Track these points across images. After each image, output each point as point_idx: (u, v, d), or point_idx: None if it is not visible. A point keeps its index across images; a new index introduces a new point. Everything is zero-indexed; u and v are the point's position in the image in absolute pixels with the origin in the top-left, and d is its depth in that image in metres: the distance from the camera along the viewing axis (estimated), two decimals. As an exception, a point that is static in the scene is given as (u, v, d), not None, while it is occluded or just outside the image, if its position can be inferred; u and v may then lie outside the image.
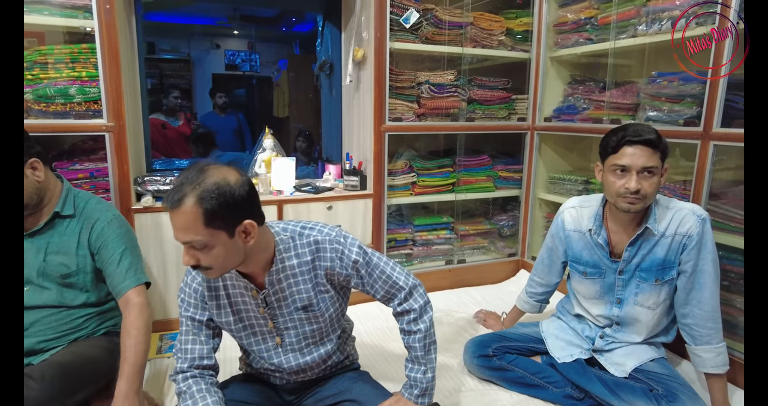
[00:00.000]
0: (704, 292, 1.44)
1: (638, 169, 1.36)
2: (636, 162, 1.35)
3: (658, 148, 1.37)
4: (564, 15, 2.40)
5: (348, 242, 1.23)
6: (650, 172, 1.36)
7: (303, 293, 1.20)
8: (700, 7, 1.75)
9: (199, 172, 0.99)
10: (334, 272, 1.21)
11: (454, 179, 2.49)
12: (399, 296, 1.29)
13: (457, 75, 2.39)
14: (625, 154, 1.37)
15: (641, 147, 1.35)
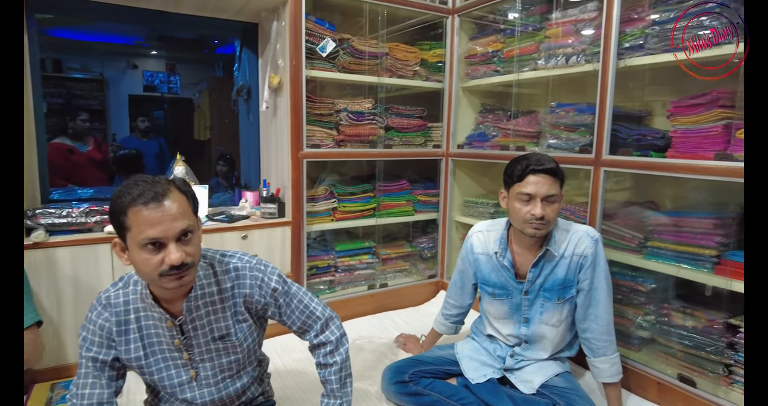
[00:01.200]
0: (599, 307, 1.55)
1: (542, 196, 1.45)
2: (540, 190, 1.45)
3: (557, 176, 1.48)
4: (473, 48, 2.56)
5: (268, 270, 1.21)
6: (552, 199, 1.46)
7: (221, 321, 1.16)
8: (589, 47, 1.93)
9: (151, 179, 1.01)
10: (253, 299, 1.18)
11: (375, 204, 2.52)
12: (315, 328, 1.28)
13: (375, 103, 2.45)
14: (530, 182, 1.46)
15: (544, 176, 1.45)
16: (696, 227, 1.66)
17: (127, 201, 0.96)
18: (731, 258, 1.56)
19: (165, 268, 0.98)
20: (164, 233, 0.97)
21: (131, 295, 1.11)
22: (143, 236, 0.96)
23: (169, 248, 0.98)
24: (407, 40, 2.67)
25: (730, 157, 1.49)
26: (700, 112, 1.62)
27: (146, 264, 0.98)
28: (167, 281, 1.00)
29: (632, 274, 1.84)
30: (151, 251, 0.97)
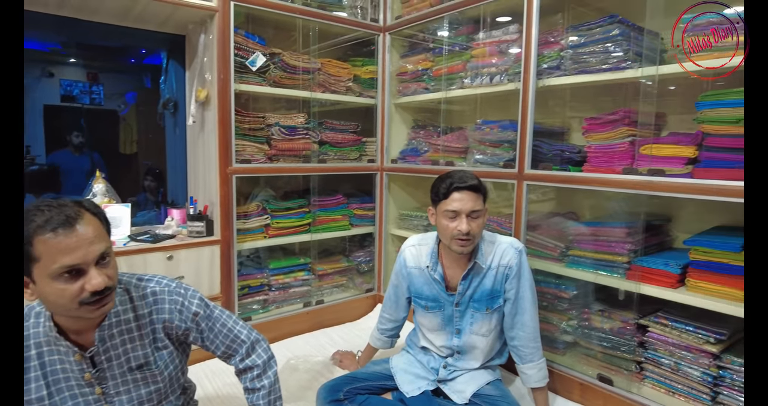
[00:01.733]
0: (526, 315, 1.62)
1: (467, 212, 1.50)
2: (464, 206, 1.50)
3: (480, 192, 1.54)
4: (404, 65, 2.63)
5: (189, 294, 1.17)
6: (476, 214, 1.52)
7: (138, 349, 1.09)
8: (511, 67, 2.04)
9: (56, 202, 0.94)
10: (173, 325, 1.13)
11: (310, 219, 2.49)
12: (240, 352, 1.24)
13: (308, 118, 2.44)
14: (455, 199, 1.51)
15: (467, 192, 1.51)
16: (610, 235, 1.78)
17: (32, 229, 0.89)
18: (639, 264, 1.68)
19: (86, 296, 0.92)
20: (83, 259, 0.91)
21: (32, 329, 1.02)
22: (57, 265, 0.89)
23: (90, 273, 0.92)
24: (340, 56, 2.70)
25: (635, 171, 1.63)
26: (609, 129, 1.76)
27: (62, 295, 0.91)
28: (88, 311, 0.94)
29: (556, 282, 1.94)
30: (68, 279, 0.91)
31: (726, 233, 1.63)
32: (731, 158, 1.46)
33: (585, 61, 1.77)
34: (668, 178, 1.53)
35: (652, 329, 1.68)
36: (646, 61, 1.63)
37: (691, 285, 1.57)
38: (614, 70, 1.68)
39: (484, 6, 2.11)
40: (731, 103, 1.44)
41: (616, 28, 1.68)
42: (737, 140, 1.45)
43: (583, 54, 1.78)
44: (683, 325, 1.60)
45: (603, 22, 1.73)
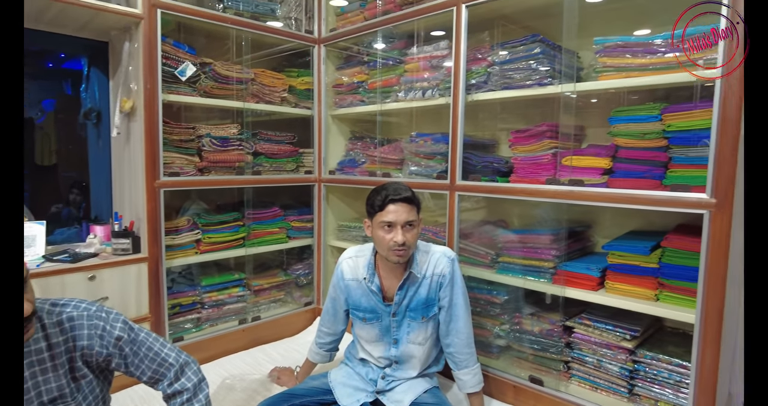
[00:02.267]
0: (460, 322, 1.67)
1: (402, 223, 1.53)
2: (399, 217, 1.53)
3: (414, 203, 1.58)
4: (340, 77, 2.64)
5: (111, 318, 1.10)
6: (411, 225, 1.56)
7: (52, 382, 1.01)
8: (442, 82, 2.11)
9: None
10: (93, 352, 1.06)
11: (245, 233, 2.43)
12: (168, 376, 1.18)
13: (241, 128, 2.39)
14: (390, 211, 1.54)
15: (401, 204, 1.54)
16: (536, 242, 1.88)
17: None
18: (564, 268, 1.79)
19: None
20: None
21: None
22: None
23: None
24: (275, 66, 2.67)
25: (558, 181, 1.73)
26: (533, 142, 1.86)
27: None
28: None
29: (488, 288, 2.02)
30: None
31: (638, 237, 1.77)
32: (640, 169, 1.60)
33: (510, 77, 1.87)
34: (586, 188, 1.64)
35: (577, 330, 1.78)
36: (565, 78, 1.75)
37: (609, 287, 1.69)
38: (537, 87, 1.79)
39: (417, 22, 2.17)
40: (639, 119, 1.58)
41: (538, 47, 1.79)
42: (645, 152, 1.59)
43: (508, 71, 1.88)
44: (604, 324, 1.72)
45: (526, 41, 1.84)
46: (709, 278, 1.37)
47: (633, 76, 1.57)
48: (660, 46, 1.53)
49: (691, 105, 1.47)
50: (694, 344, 1.41)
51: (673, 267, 1.56)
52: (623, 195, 1.54)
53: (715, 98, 1.33)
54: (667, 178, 1.53)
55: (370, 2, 2.40)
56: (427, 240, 2.21)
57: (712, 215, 1.35)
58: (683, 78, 1.45)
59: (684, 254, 1.53)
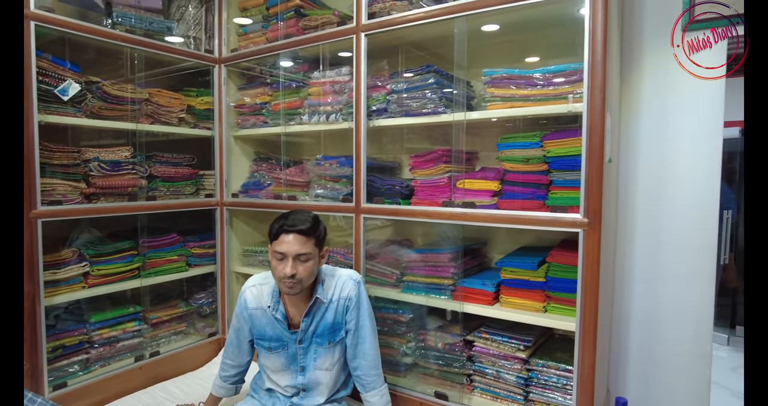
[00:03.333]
0: (366, 344, 1.69)
1: (293, 255, 1.52)
2: (291, 249, 1.52)
3: (311, 236, 1.56)
4: (242, 98, 2.59)
5: None
6: (304, 257, 1.54)
7: None
8: (345, 107, 2.15)
9: None
10: None
11: (140, 263, 2.27)
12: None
13: (134, 151, 2.25)
14: (283, 242, 1.53)
15: (295, 235, 1.53)
16: (437, 261, 1.97)
17: None
18: (462, 285, 1.89)
19: None
20: None
21: None
22: None
23: None
24: (173, 86, 2.55)
25: (453, 203, 1.83)
26: (431, 166, 1.95)
27: None
28: None
29: (394, 307, 2.06)
30: None
31: (527, 253, 1.92)
32: (525, 191, 1.74)
33: (408, 105, 1.96)
34: (478, 210, 1.75)
35: (477, 344, 1.88)
36: (457, 107, 1.87)
37: (503, 301, 1.81)
38: (432, 115, 1.89)
39: (321, 46, 2.20)
40: (523, 145, 1.73)
41: (432, 77, 1.90)
42: (529, 176, 1.74)
43: (406, 99, 1.96)
44: (500, 337, 1.83)
45: (421, 71, 1.94)
46: (585, 289, 1.52)
47: (517, 107, 1.72)
48: (538, 80, 1.69)
49: (565, 133, 1.64)
50: (576, 349, 1.55)
51: (557, 280, 1.71)
52: (511, 216, 1.67)
53: (583, 128, 1.50)
54: (549, 199, 1.69)
55: (272, 24, 2.39)
56: (335, 262, 2.22)
57: (585, 233, 1.51)
58: (557, 109, 1.61)
59: (566, 268, 1.69)
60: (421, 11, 1.83)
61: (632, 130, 1.89)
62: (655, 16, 1.83)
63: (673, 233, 1.84)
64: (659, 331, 1.90)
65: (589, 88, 1.49)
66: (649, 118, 1.87)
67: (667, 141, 1.84)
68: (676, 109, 1.81)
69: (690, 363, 1.83)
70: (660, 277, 1.88)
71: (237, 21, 2.56)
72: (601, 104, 1.47)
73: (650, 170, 1.88)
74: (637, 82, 1.88)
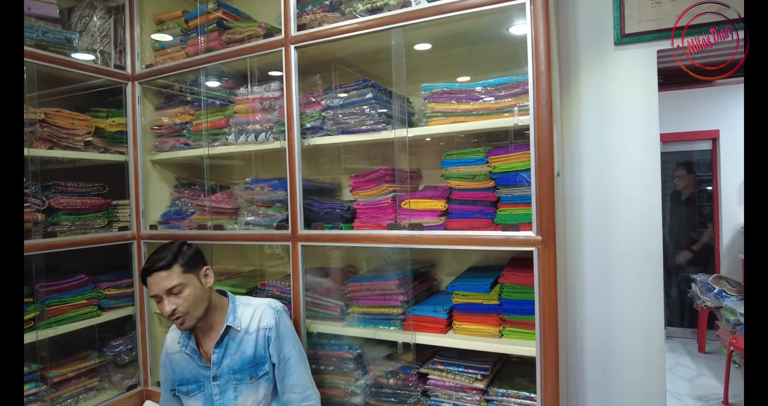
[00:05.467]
0: (294, 377, 1.54)
1: (164, 292, 1.42)
2: (159, 288, 1.42)
3: (172, 266, 1.44)
4: (160, 118, 2.34)
5: None
6: (176, 289, 1.43)
7: None
8: (275, 125, 1.98)
9: None
10: None
11: (36, 312, 1.92)
12: None
13: (26, 180, 1.93)
14: (150, 284, 1.44)
15: (155, 275, 1.43)
16: (384, 288, 1.81)
17: None
18: (412, 313, 1.74)
19: None
20: None
21: None
22: None
23: None
24: (78, 105, 2.26)
25: (399, 225, 1.70)
26: (373, 186, 1.82)
27: None
28: None
29: (338, 343, 1.88)
30: None
31: (478, 274, 1.82)
32: (473, 210, 1.65)
33: (345, 121, 1.82)
34: (426, 232, 1.63)
35: (431, 376, 1.73)
36: (398, 123, 1.75)
37: (457, 328, 1.69)
38: (371, 132, 1.76)
39: (249, 60, 2.02)
40: (468, 161, 1.64)
41: (370, 92, 1.78)
42: (476, 193, 1.65)
43: (343, 115, 1.83)
44: (456, 367, 1.70)
45: (358, 86, 1.82)
46: (543, 311, 1.43)
47: (459, 121, 1.64)
48: (480, 93, 1.62)
49: (510, 148, 1.57)
50: (537, 375, 1.45)
51: (511, 302, 1.61)
52: (461, 237, 1.56)
53: (531, 141, 1.43)
54: (497, 217, 1.60)
55: (192, 37, 2.18)
56: (272, 297, 2.01)
57: (540, 251, 1.42)
58: (502, 123, 1.54)
59: (520, 289, 1.60)
60: (354, 22, 1.71)
61: (574, 142, 1.87)
62: (589, 29, 1.84)
63: (621, 244, 1.82)
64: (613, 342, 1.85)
65: (534, 99, 1.43)
66: (590, 131, 1.86)
67: (608, 153, 1.83)
68: (616, 121, 1.81)
69: (645, 375, 1.79)
70: (611, 289, 1.85)
71: (154, 36, 2.33)
72: (548, 116, 1.41)
73: (594, 183, 1.85)
74: (576, 95, 1.86)
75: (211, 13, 2.13)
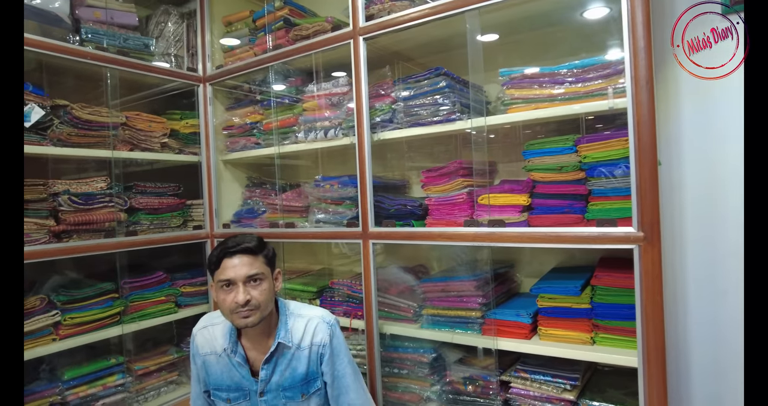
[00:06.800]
0: (350, 394, 1.43)
1: (243, 279, 1.29)
2: (239, 273, 1.29)
3: (259, 254, 1.34)
4: (231, 119, 2.37)
5: None
6: (257, 278, 1.31)
7: None
8: (345, 120, 1.93)
9: None
10: None
11: (121, 307, 2.00)
12: None
13: (111, 181, 2.00)
14: (227, 267, 1.30)
15: (240, 256, 1.31)
16: (460, 290, 1.71)
17: None
18: (493, 316, 1.62)
19: None
20: None
21: None
22: None
23: None
24: (155, 109, 2.34)
25: (477, 222, 1.59)
26: (446, 181, 1.72)
27: None
28: None
29: (413, 346, 1.80)
30: None
31: (564, 275, 1.67)
32: (560, 204, 1.50)
33: (416, 113, 1.73)
34: (508, 229, 1.51)
35: (514, 384, 1.61)
36: (474, 113, 1.64)
37: (543, 333, 1.55)
38: (445, 123, 1.66)
39: (314, 57, 1.99)
40: (554, 151, 1.50)
41: (443, 81, 1.68)
42: (563, 186, 1.50)
43: (414, 107, 1.74)
44: (541, 375, 1.56)
45: (430, 75, 1.73)
46: (646, 316, 1.27)
47: (542, 108, 1.50)
48: (566, 76, 1.48)
49: (605, 135, 1.42)
50: (640, 388, 1.29)
51: (605, 306, 1.46)
52: (548, 234, 1.42)
53: (630, 126, 1.27)
54: (589, 211, 1.45)
55: (259, 37, 2.19)
56: (342, 295, 1.97)
57: (642, 249, 1.26)
58: (594, 107, 1.39)
59: (615, 292, 1.44)
60: (425, 7, 1.62)
61: (672, 128, 1.66)
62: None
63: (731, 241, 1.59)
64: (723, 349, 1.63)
65: (632, 79, 1.27)
66: (691, 114, 1.64)
67: (713, 139, 1.61)
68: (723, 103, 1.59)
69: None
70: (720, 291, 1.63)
71: (222, 41, 2.36)
72: (648, 97, 1.25)
73: (698, 173, 1.64)
74: (673, 74, 1.66)
75: (278, 11, 2.12)
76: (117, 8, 2.08)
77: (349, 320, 1.87)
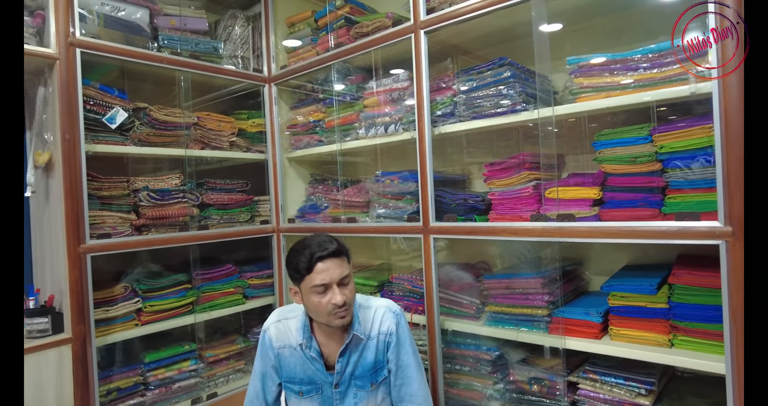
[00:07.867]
0: (413, 385, 1.43)
1: (337, 281, 1.31)
2: (333, 276, 1.31)
3: (344, 255, 1.36)
4: (295, 117, 2.44)
5: None
6: (346, 280, 1.34)
7: None
8: (405, 115, 1.93)
9: None
10: None
11: (194, 297, 2.11)
12: None
13: (184, 178, 2.12)
14: (320, 271, 1.31)
15: (331, 260, 1.32)
16: (526, 287, 1.66)
17: None
18: (560, 315, 1.56)
19: None
20: None
21: None
22: None
23: None
24: (224, 109, 2.45)
25: (544, 217, 1.53)
26: (511, 174, 1.67)
27: None
28: None
29: (475, 343, 1.77)
30: None
31: (637, 273, 1.57)
32: (634, 197, 1.42)
33: (479, 105, 1.70)
34: (578, 223, 1.44)
35: (582, 386, 1.53)
36: (541, 103, 1.59)
37: (614, 334, 1.47)
38: (509, 114, 1.62)
39: (373, 53, 2.01)
40: (627, 141, 1.42)
41: (507, 70, 1.64)
42: (637, 178, 1.42)
43: (476, 98, 1.71)
44: (613, 378, 1.48)
45: (493, 65, 1.69)
46: (735, 318, 1.17)
47: (613, 96, 1.42)
48: (640, 62, 1.39)
49: (685, 123, 1.32)
50: (729, 398, 1.19)
51: (685, 306, 1.36)
52: (622, 229, 1.35)
53: (715, 112, 1.17)
54: (666, 205, 1.35)
55: (321, 36, 2.23)
56: (403, 290, 1.97)
57: (729, 246, 1.16)
58: (673, 93, 1.30)
59: (696, 291, 1.34)
60: (488, -3, 1.58)
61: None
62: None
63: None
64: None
65: (720, 61, 1.17)
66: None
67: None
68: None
69: None
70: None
71: (285, 42, 2.43)
72: (739, 80, 1.14)
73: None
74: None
75: (339, 9, 2.15)
76: (189, 15, 2.21)
77: (410, 315, 1.86)
